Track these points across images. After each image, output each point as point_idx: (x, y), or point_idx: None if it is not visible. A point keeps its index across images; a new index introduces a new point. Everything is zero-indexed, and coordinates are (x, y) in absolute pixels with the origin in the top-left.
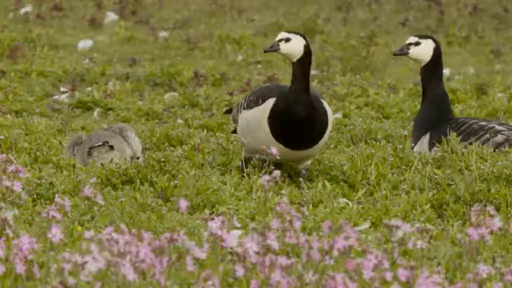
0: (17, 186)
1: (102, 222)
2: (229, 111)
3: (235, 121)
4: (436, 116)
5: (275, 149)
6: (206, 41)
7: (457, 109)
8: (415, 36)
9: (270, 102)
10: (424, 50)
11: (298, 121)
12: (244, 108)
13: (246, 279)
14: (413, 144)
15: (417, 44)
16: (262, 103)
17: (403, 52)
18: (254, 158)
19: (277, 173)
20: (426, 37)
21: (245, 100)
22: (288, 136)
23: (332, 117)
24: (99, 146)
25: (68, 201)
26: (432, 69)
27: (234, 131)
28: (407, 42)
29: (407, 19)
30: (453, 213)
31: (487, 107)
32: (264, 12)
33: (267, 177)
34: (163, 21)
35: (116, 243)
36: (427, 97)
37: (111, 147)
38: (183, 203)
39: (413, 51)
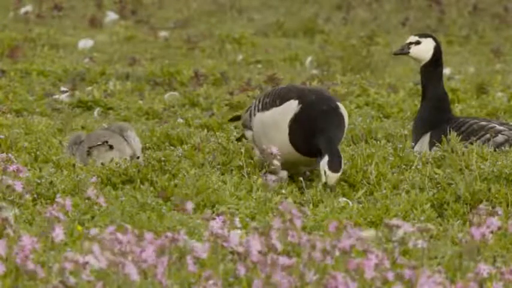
0: (18, 186)
1: (102, 221)
2: (234, 119)
3: (247, 126)
4: (436, 115)
5: (275, 149)
6: (206, 41)
7: (457, 108)
8: (415, 35)
9: (293, 104)
10: (425, 49)
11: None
12: (259, 111)
13: (247, 279)
14: (413, 143)
15: (417, 43)
16: (280, 104)
17: (403, 51)
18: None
19: (284, 173)
20: (426, 36)
21: (259, 102)
22: (304, 144)
23: (347, 122)
24: (98, 145)
25: (69, 201)
26: (432, 68)
27: (239, 139)
28: (407, 41)
29: (408, 19)
30: (453, 213)
31: (487, 106)
32: (264, 11)
33: (273, 176)
34: (163, 20)
35: (118, 242)
36: (426, 96)
37: (111, 147)
38: (189, 205)
39: (413, 50)
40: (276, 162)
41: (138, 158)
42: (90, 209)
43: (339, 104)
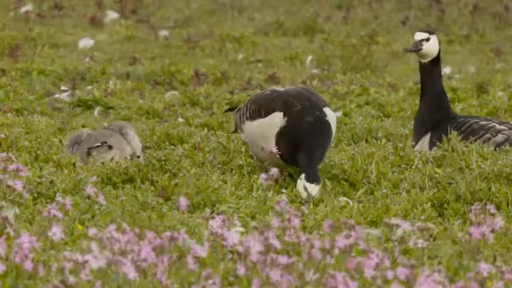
0: (18, 185)
1: (102, 221)
2: (229, 110)
3: (238, 126)
4: (436, 114)
5: (275, 148)
6: (207, 40)
7: (457, 108)
8: (421, 31)
9: (278, 116)
10: (433, 45)
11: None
12: (247, 119)
13: (246, 278)
14: (413, 142)
15: (428, 39)
16: (265, 115)
17: (417, 48)
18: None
19: (274, 171)
20: (431, 32)
21: (247, 109)
22: (290, 156)
23: (335, 125)
24: (97, 146)
25: (69, 200)
26: (435, 65)
27: (234, 131)
28: (418, 38)
29: (408, 18)
30: (454, 212)
31: (487, 105)
32: (265, 11)
33: (264, 175)
34: (163, 20)
35: (117, 241)
36: (426, 94)
37: (110, 147)
38: (183, 201)
39: (425, 47)
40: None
41: (138, 157)
42: (91, 208)
43: (325, 109)
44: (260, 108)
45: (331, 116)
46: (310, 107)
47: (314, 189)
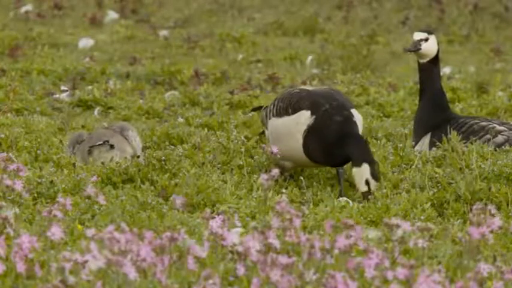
0: (18, 185)
1: (102, 221)
2: (256, 109)
3: (264, 124)
4: (436, 115)
5: (275, 148)
6: (207, 40)
7: (457, 108)
8: (420, 31)
9: (305, 115)
10: (432, 45)
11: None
12: (273, 116)
13: (246, 278)
14: (413, 143)
15: (427, 39)
16: (293, 113)
17: (416, 48)
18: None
19: (275, 171)
20: (429, 32)
21: (274, 106)
22: (320, 155)
23: (361, 127)
24: (99, 145)
25: (69, 200)
26: (434, 65)
27: (262, 133)
28: (417, 38)
29: (408, 18)
30: (454, 212)
31: (487, 105)
32: (265, 10)
33: (265, 176)
34: (163, 19)
35: (117, 241)
36: (425, 94)
37: (112, 146)
38: (178, 199)
39: (424, 46)
40: (288, 164)
41: (138, 157)
42: (91, 208)
43: (352, 111)
44: (288, 106)
45: (358, 117)
46: (338, 106)
47: (375, 186)
